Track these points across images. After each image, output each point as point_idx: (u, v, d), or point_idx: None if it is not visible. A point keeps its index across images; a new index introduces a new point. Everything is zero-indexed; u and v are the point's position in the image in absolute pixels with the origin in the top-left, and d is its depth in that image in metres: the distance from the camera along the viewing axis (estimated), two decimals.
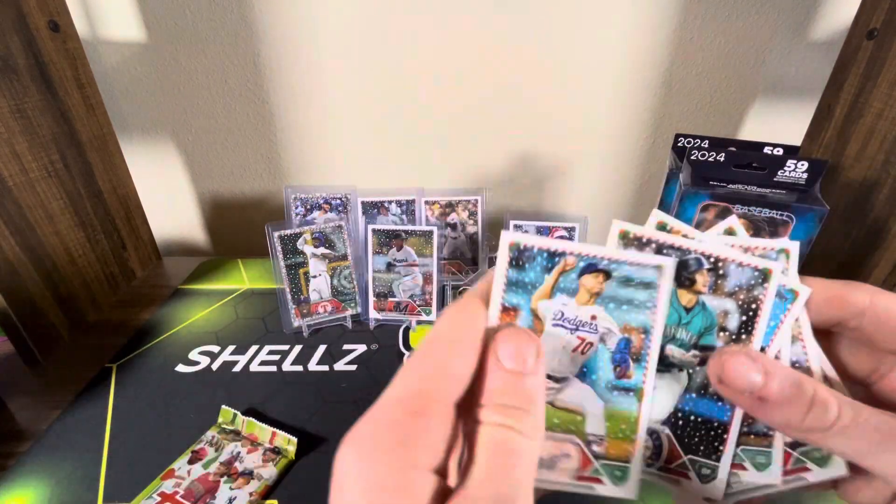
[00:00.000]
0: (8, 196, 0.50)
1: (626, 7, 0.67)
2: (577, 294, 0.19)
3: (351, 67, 0.71)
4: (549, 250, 0.19)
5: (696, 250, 0.20)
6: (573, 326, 0.20)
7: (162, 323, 0.59)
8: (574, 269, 0.19)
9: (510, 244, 0.19)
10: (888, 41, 0.55)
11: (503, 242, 0.19)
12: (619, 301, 0.19)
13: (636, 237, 0.20)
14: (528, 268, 0.19)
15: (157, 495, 0.37)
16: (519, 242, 0.19)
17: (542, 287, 0.19)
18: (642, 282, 0.19)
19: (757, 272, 0.20)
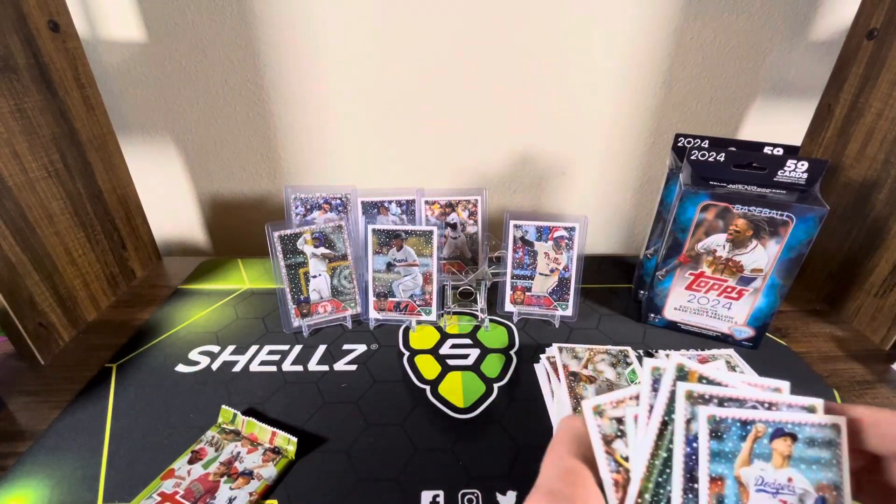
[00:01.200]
0: (8, 196, 0.50)
1: (626, 8, 0.67)
2: (771, 458, 0.21)
3: (351, 67, 0.71)
4: (741, 420, 0.22)
5: (750, 399, 0.22)
6: (774, 490, 0.21)
7: (162, 323, 0.59)
8: (765, 435, 0.21)
9: (707, 417, 0.22)
10: (888, 41, 0.55)
11: (680, 397, 0.22)
12: (808, 461, 0.21)
13: (700, 395, 0.22)
14: (727, 438, 0.22)
15: (157, 495, 0.37)
16: (715, 415, 0.22)
17: (741, 455, 0.21)
18: (825, 440, 0.21)
19: (804, 409, 0.22)
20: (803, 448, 0.21)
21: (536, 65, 0.71)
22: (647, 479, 0.22)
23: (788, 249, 0.48)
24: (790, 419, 0.22)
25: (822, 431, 0.21)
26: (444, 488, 0.39)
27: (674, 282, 0.54)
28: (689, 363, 0.23)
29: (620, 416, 0.24)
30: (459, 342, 0.56)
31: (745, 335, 0.54)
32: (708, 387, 0.23)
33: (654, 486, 0.22)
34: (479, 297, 0.62)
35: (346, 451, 0.42)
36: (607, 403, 0.24)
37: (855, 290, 0.60)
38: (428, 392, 0.49)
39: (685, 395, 0.23)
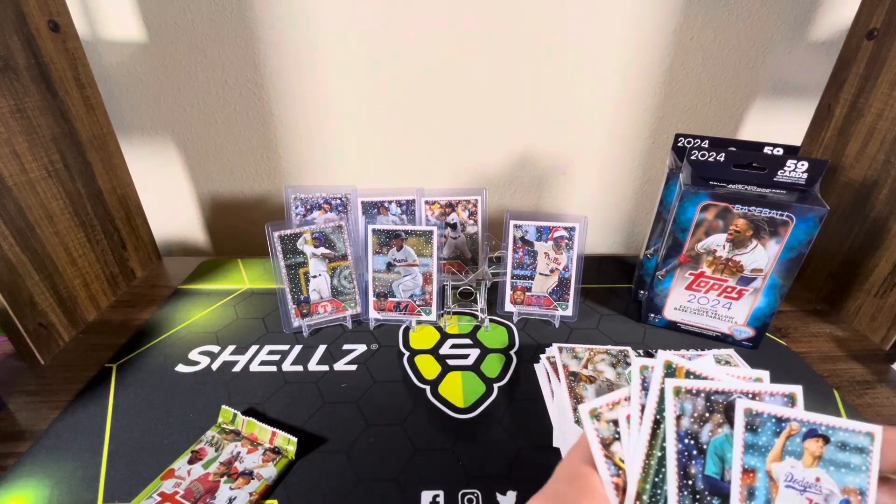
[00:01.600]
0: (8, 196, 0.50)
1: (626, 8, 0.67)
2: (802, 457, 0.22)
3: (351, 67, 0.71)
4: (777, 416, 0.22)
5: (735, 390, 0.23)
6: (802, 488, 0.22)
7: (162, 323, 0.59)
8: (798, 434, 0.22)
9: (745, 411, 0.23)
10: (888, 41, 0.55)
11: None
12: (837, 464, 0.22)
13: (688, 390, 0.23)
14: (761, 432, 0.22)
15: (157, 495, 0.37)
16: (751, 409, 0.22)
17: (774, 450, 0.22)
18: (857, 447, 0.22)
19: (786, 397, 0.23)
20: (834, 451, 0.22)
21: (537, 65, 0.71)
22: (644, 479, 0.22)
23: (788, 249, 0.48)
24: (826, 422, 0.22)
25: (856, 438, 0.22)
26: (444, 488, 0.39)
27: (674, 282, 0.54)
28: (676, 359, 0.24)
29: (616, 419, 0.24)
30: (459, 342, 0.56)
31: (745, 335, 0.54)
32: (695, 381, 0.23)
33: (651, 486, 0.22)
34: (479, 297, 0.62)
35: (346, 451, 0.42)
36: (603, 406, 0.24)
37: (855, 290, 0.60)
38: (428, 392, 0.49)
39: (673, 391, 0.23)
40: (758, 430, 0.22)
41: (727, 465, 0.22)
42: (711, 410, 0.23)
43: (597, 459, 0.23)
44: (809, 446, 0.22)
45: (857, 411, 0.47)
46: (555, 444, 0.43)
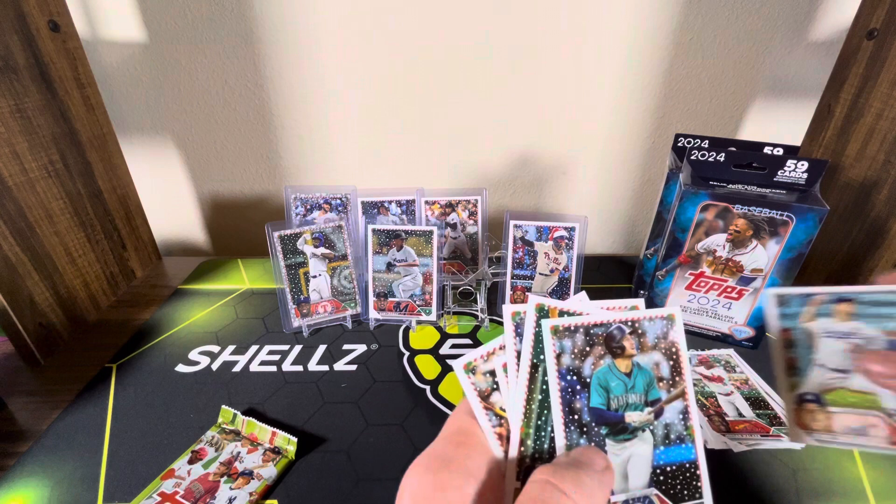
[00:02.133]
0: (8, 196, 0.50)
1: (626, 8, 0.67)
2: (834, 315, 0.25)
3: (351, 67, 0.71)
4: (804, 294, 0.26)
5: (614, 321, 0.23)
6: (840, 335, 0.25)
7: (162, 323, 0.59)
8: (826, 302, 0.25)
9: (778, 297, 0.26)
10: (888, 41, 0.55)
11: None
12: (872, 316, 0.24)
13: (566, 328, 0.23)
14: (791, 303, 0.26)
15: (157, 495, 0.37)
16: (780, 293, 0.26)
17: (806, 312, 0.25)
18: (889, 301, 0.24)
19: (664, 319, 0.24)
20: (865, 307, 0.24)
21: (536, 65, 0.71)
22: (527, 424, 0.22)
23: (788, 249, 0.48)
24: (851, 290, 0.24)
25: (887, 296, 0.23)
26: None
27: (674, 282, 0.54)
28: (548, 301, 0.24)
29: (493, 370, 0.24)
30: (459, 342, 0.56)
31: (746, 335, 0.54)
32: (571, 318, 0.23)
33: (535, 430, 0.22)
34: (479, 297, 0.62)
35: (346, 451, 0.42)
36: (478, 358, 0.24)
37: None
38: (428, 392, 0.49)
39: (551, 330, 0.23)
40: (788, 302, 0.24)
41: (612, 395, 0.23)
42: (592, 344, 0.23)
43: (476, 412, 0.23)
44: (840, 308, 0.24)
45: None
46: None
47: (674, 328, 0.23)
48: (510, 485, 0.22)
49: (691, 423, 0.23)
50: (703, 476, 0.23)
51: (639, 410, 0.23)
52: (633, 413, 0.23)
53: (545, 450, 0.22)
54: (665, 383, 0.23)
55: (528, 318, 0.23)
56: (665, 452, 0.23)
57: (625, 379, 0.23)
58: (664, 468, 0.23)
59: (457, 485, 0.20)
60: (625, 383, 0.23)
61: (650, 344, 0.23)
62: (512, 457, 0.22)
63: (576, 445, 0.22)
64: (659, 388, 0.23)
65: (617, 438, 0.22)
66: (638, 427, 0.23)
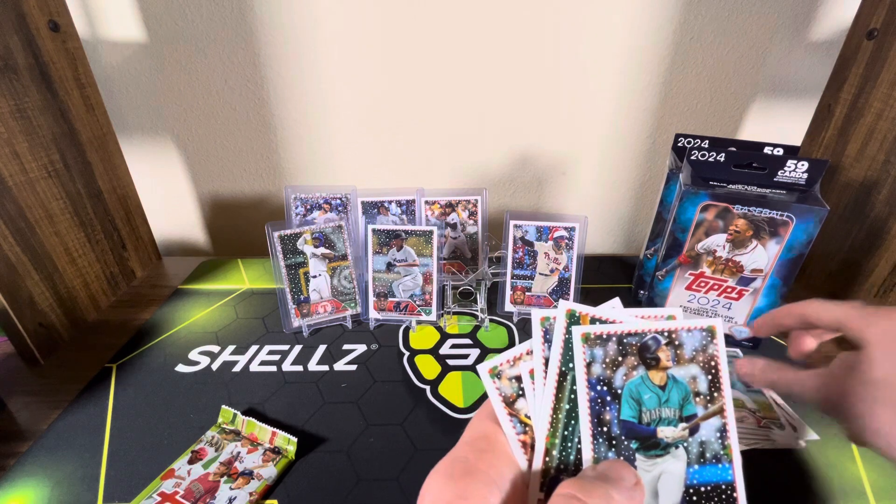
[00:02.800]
0: (8, 196, 0.50)
1: (626, 7, 0.67)
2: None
3: (351, 67, 0.71)
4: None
5: (649, 331, 0.22)
6: None
7: (162, 323, 0.59)
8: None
9: None
10: (888, 41, 0.55)
11: None
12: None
13: (597, 336, 0.22)
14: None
15: (157, 495, 0.37)
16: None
17: None
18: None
19: (704, 331, 0.22)
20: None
21: (536, 64, 0.71)
22: (552, 434, 0.22)
23: (788, 250, 0.48)
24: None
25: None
26: None
27: (674, 282, 0.54)
28: (579, 307, 0.23)
29: (519, 375, 0.23)
30: (459, 342, 0.56)
31: (746, 335, 0.54)
32: (603, 326, 0.22)
33: (561, 440, 0.22)
34: (479, 297, 0.62)
35: (346, 451, 0.42)
36: (503, 363, 0.23)
37: (855, 290, 0.60)
38: (428, 392, 0.49)
39: (581, 338, 0.22)
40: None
41: (644, 407, 0.22)
42: (625, 354, 0.22)
43: (500, 418, 0.22)
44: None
45: None
46: None
47: (714, 341, 0.22)
48: (533, 496, 0.21)
49: (729, 441, 0.22)
50: (741, 500, 0.21)
51: (672, 426, 0.22)
52: (666, 428, 0.22)
53: (571, 461, 0.21)
54: (702, 399, 0.22)
55: (557, 323, 0.22)
56: (700, 472, 0.21)
57: (658, 392, 0.22)
58: (698, 488, 0.21)
59: (480, 494, 0.19)
60: (658, 396, 0.22)
61: (687, 356, 0.22)
62: (536, 467, 0.21)
63: (604, 459, 0.21)
64: (695, 404, 0.22)
65: (648, 454, 0.21)
66: (671, 443, 0.21)
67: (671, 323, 0.22)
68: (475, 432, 0.23)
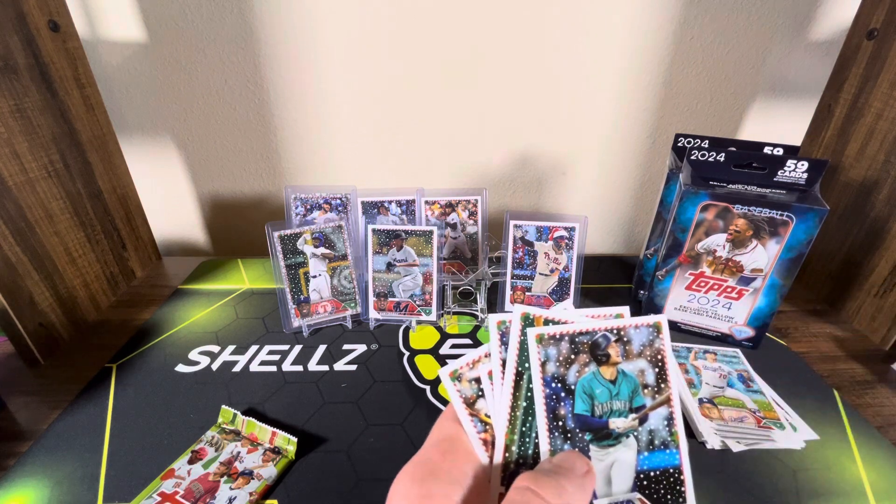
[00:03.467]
0: (8, 196, 0.50)
1: (626, 8, 0.67)
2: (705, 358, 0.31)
3: (351, 68, 0.71)
4: None
5: (599, 329, 0.24)
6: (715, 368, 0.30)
7: (162, 323, 0.59)
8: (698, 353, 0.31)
9: None
10: (888, 41, 0.55)
11: None
12: (723, 358, 0.29)
13: (551, 336, 0.23)
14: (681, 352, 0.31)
15: (157, 495, 0.37)
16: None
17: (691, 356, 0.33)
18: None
19: (650, 328, 0.24)
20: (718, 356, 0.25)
21: (537, 64, 0.71)
22: (511, 431, 0.23)
23: (788, 249, 0.48)
24: None
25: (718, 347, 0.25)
26: None
27: (674, 282, 0.54)
28: (532, 310, 0.24)
29: (479, 377, 0.24)
30: (459, 342, 0.56)
31: (746, 335, 0.54)
32: (556, 327, 0.23)
33: (520, 436, 0.23)
34: (479, 297, 0.62)
35: (346, 451, 0.42)
36: (463, 366, 0.24)
37: (855, 290, 0.60)
38: (428, 392, 0.49)
39: (536, 339, 0.23)
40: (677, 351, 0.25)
41: (596, 401, 0.23)
42: (577, 352, 0.23)
43: (462, 418, 0.23)
44: (707, 356, 0.25)
45: (857, 411, 0.47)
46: None
47: (660, 336, 0.24)
48: (495, 490, 0.22)
49: (676, 429, 0.23)
50: (688, 482, 0.23)
51: (623, 417, 0.23)
52: (617, 419, 0.23)
53: (529, 455, 0.23)
54: (650, 390, 0.23)
55: (513, 326, 0.24)
56: (649, 458, 0.23)
57: (609, 386, 0.23)
58: (648, 473, 0.23)
59: (443, 492, 0.21)
60: (609, 390, 0.23)
61: (635, 351, 0.24)
62: (497, 462, 0.22)
63: (560, 451, 0.22)
64: (644, 395, 0.23)
65: (601, 444, 0.23)
66: (622, 433, 0.23)
67: (619, 321, 0.24)
68: (438, 434, 0.24)
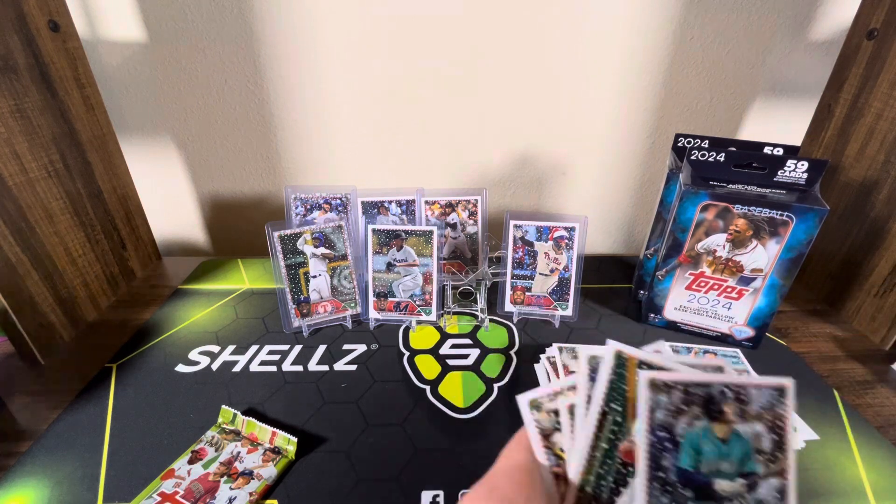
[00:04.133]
0: (8, 196, 0.50)
1: (626, 8, 0.67)
2: None
3: (351, 68, 0.71)
4: None
5: (717, 383, 0.22)
6: None
7: (162, 323, 0.59)
8: None
9: None
10: (888, 41, 0.55)
11: None
12: None
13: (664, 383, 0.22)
14: None
15: (157, 495, 0.37)
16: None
17: None
18: None
19: (774, 391, 0.22)
20: None
21: (536, 64, 0.71)
22: (588, 471, 0.22)
23: (788, 249, 0.48)
24: None
25: None
26: (444, 488, 0.39)
27: (674, 282, 0.54)
28: (627, 350, 0.23)
29: (557, 409, 0.23)
30: (459, 342, 0.56)
31: (746, 335, 0.54)
32: (671, 374, 0.22)
33: (596, 477, 0.22)
34: (479, 297, 0.62)
35: (346, 451, 0.42)
36: (544, 396, 0.24)
37: (855, 290, 0.60)
38: (428, 392, 0.49)
39: (648, 383, 0.22)
40: None
41: (703, 458, 0.22)
42: (689, 403, 0.22)
43: (536, 449, 0.23)
44: None
45: (857, 411, 0.47)
46: None
47: (783, 401, 0.22)
48: None
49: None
50: None
51: (731, 480, 0.21)
52: (724, 481, 0.21)
53: (604, 500, 0.22)
54: (764, 457, 0.21)
55: (604, 363, 0.23)
56: None
57: (720, 445, 0.22)
58: None
59: None
60: (719, 449, 0.22)
61: (753, 413, 0.22)
62: (569, 502, 0.22)
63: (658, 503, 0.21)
64: (756, 461, 0.21)
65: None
66: (727, 497, 0.21)
67: (742, 378, 0.22)
68: (511, 462, 0.23)
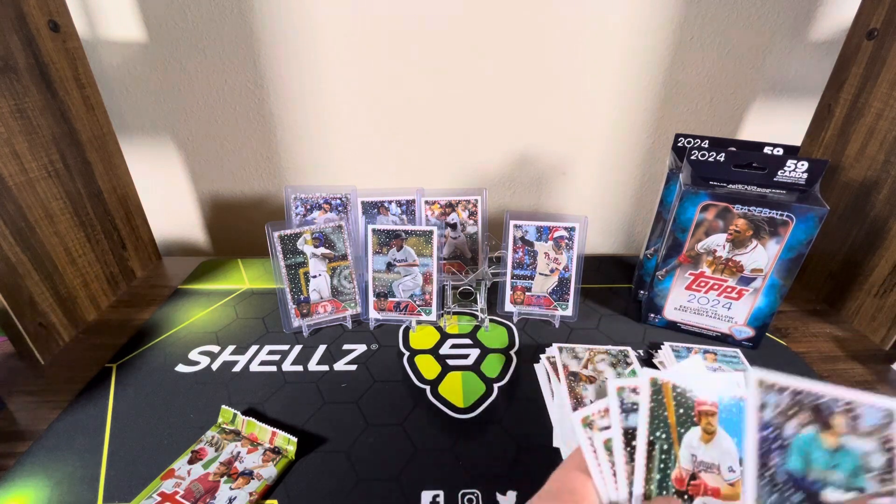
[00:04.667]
0: (8, 196, 0.50)
1: (626, 8, 0.67)
2: None
3: (351, 68, 0.71)
4: None
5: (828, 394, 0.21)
6: None
7: (162, 323, 0.59)
8: None
9: None
10: (888, 41, 0.55)
11: None
12: None
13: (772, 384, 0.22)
14: None
15: (157, 495, 0.37)
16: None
17: None
18: None
19: (885, 412, 0.21)
20: None
21: (537, 65, 0.71)
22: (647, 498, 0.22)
23: (788, 249, 0.48)
24: None
25: None
26: (444, 488, 0.39)
27: (674, 282, 0.54)
28: (660, 375, 0.23)
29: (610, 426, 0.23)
30: (459, 342, 0.56)
31: (745, 335, 0.54)
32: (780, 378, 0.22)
33: None
34: (479, 297, 0.62)
35: (346, 451, 0.42)
36: (595, 414, 0.23)
37: (855, 290, 0.60)
38: (428, 392, 0.49)
39: (757, 382, 0.22)
40: None
41: (812, 465, 0.21)
42: (799, 407, 0.21)
43: (591, 468, 0.23)
44: None
45: None
46: (555, 445, 0.43)
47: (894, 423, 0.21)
48: None
49: None
50: None
51: (841, 490, 0.21)
52: (834, 492, 0.21)
53: None
54: (874, 475, 0.21)
55: (642, 393, 0.23)
56: None
57: (830, 454, 0.21)
58: None
59: None
60: (828, 459, 0.21)
61: (863, 429, 0.21)
62: None
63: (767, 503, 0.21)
64: (867, 479, 0.21)
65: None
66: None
67: (855, 394, 0.22)
68: (562, 484, 0.22)
